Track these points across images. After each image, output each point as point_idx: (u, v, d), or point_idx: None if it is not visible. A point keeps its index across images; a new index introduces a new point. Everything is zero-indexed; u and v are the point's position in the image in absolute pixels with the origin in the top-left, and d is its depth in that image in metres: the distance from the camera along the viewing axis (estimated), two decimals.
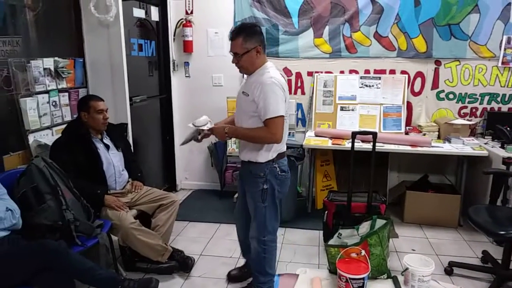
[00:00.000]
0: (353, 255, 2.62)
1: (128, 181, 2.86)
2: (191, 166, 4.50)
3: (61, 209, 2.21)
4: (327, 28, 3.83)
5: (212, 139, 4.20)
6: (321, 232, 3.31)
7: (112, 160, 2.72)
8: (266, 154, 2.21)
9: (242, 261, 2.80)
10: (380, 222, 2.77)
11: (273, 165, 2.22)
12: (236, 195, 4.11)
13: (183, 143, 2.41)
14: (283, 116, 2.10)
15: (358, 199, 2.94)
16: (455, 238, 3.29)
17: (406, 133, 3.71)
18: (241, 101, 2.21)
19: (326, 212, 3.10)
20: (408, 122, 3.84)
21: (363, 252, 2.59)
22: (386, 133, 3.69)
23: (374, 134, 2.77)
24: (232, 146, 4.09)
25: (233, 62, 2.17)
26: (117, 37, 3.23)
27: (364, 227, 2.81)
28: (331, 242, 2.74)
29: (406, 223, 3.54)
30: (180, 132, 4.38)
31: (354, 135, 2.81)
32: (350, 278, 2.45)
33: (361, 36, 3.80)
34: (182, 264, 2.74)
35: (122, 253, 2.72)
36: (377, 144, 3.27)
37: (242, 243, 2.65)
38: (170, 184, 4.43)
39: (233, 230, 3.37)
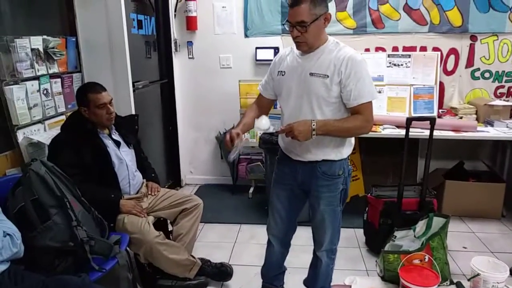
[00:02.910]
0: (416, 261, 2.28)
1: (142, 183, 2.40)
2: (196, 159, 4.04)
3: (71, 226, 1.74)
4: (351, 0, 3.41)
5: (220, 127, 3.80)
6: (357, 230, 2.97)
7: (125, 159, 2.25)
8: (349, 148, 1.83)
9: None
10: (437, 221, 2.44)
11: (348, 160, 1.84)
12: (251, 190, 3.72)
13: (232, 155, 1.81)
14: None
15: (407, 193, 2.58)
16: (503, 231, 3.00)
17: (439, 117, 3.38)
18: (310, 85, 1.72)
19: (367, 208, 2.74)
20: (440, 104, 3.50)
21: (427, 258, 2.26)
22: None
23: (432, 120, 2.41)
24: (246, 135, 3.64)
25: (294, 35, 1.68)
26: (116, 11, 2.71)
27: (419, 227, 2.48)
28: (387, 247, 2.39)
29: None
30: (184, 121, 3.91)
31: (409, 121, 2.44)
32: None
33: (390, 9, 3.40)
34: (218, 274, 2.35)
35: (140, 270, 2.28)
36: (413, 130, 2.94)
37: (274, 267, 2.13)
38: (174, 179, 3.97)
39: (257, 232, 3.00)
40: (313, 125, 1.65)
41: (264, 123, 1.78)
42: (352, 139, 1.84)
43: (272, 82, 1.90)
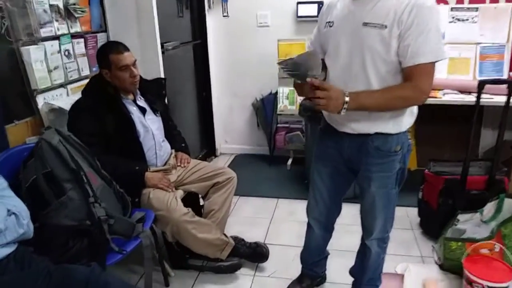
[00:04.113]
0: (484, 251, 1.96)
1: (170, 154, 2.19)
2: (231, 127, 3.80)
3: (87, 203, 1.56)
4: None
5: (256, 93, 3.51)
6: (409, 209, 2.65)
7: (151, 128, 2.04)
8: (410, 118, 1.50)
9: None
10: (510, 203, 2.07)
11: (407, 132, 1.51)
12: (289, 162, 3.46)
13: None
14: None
15: (471, 170, 2.22)
16: None
17: (511, 80, 2.91)
18: (364, 38, 1.37)
19: (422, 186, 2.40)
20: (511, 66, 3.01)
21: (498, 247, 1.93)
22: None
23: (511, 84, 2.00)
24: (284, 102, 3.35)
25: None
26: None
27: (487, 209, 2.13)
28: (449, 233, 2.07)
29: None
30: (218, 87, 3.64)
31: (482, 85, 2.05)
32: (490, 287, 1.76)
33: None
34: (253, 255, 2.14)
35: (168, 248, 2.11)
36: (484, 96, 2.53)
37: (315, 252, 1.89)
38: (208, 148, 3.76)
39: (296, 207, 2.76)
40: (346, 97, 1.31)
41: (314, 58, 1.39)
42: (415, 107, 1.50)
43: (319, 37, 1.56)
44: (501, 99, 2.38)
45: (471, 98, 2.60)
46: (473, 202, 2.15)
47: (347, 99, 1.31)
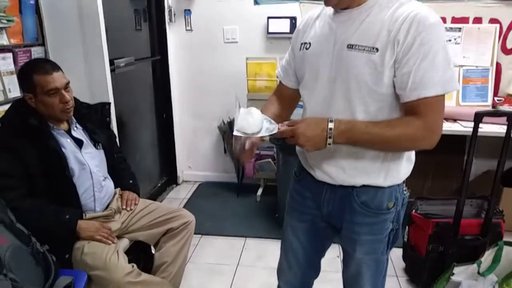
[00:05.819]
0: None
1: (114, 195, 1.81)
2: (195, 152, 3.44)
3: None
4: None
5: (223, 115, 3.18)
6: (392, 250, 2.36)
7: (88, 164, 1.65)
8: (408, 166, 1.18)
9: None
10: (509, 252, 1.83)
11: (403, 184, 1.20)
12: (259, 192, 3.13)
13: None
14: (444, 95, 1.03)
15: (464, 210, 1.96)
16: None
17: (494, 106, 2.73)
18: (348, 65, 1.05)
19: (408, 228, 2.12)
20: (496, 91, 2.82)
21: None
22: (469, 106, 2.69)
23: (511, 116, 1.76)
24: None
25: None
26: None
27: (484, 260, 1.86)
28: None
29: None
30: (180, 108, 3.30)
31: (479, 117, 1.79)
32: None
33: None
34: None
35: None
36: (466, 125, 2.34)
37: None
38: (169, 175, 3.38)
39: (265, 249, 2.43)
40: (330, 127, 1.02)
41: (250, 122, 1.08)
42: (412, 152, 1.20)
43: (293, 62, 1.25)
44: (494, 129, 2.27)
45: (458, 127, 2.39)
46: (466, 249, 1.89)
47: (331, 131, 1.02)
